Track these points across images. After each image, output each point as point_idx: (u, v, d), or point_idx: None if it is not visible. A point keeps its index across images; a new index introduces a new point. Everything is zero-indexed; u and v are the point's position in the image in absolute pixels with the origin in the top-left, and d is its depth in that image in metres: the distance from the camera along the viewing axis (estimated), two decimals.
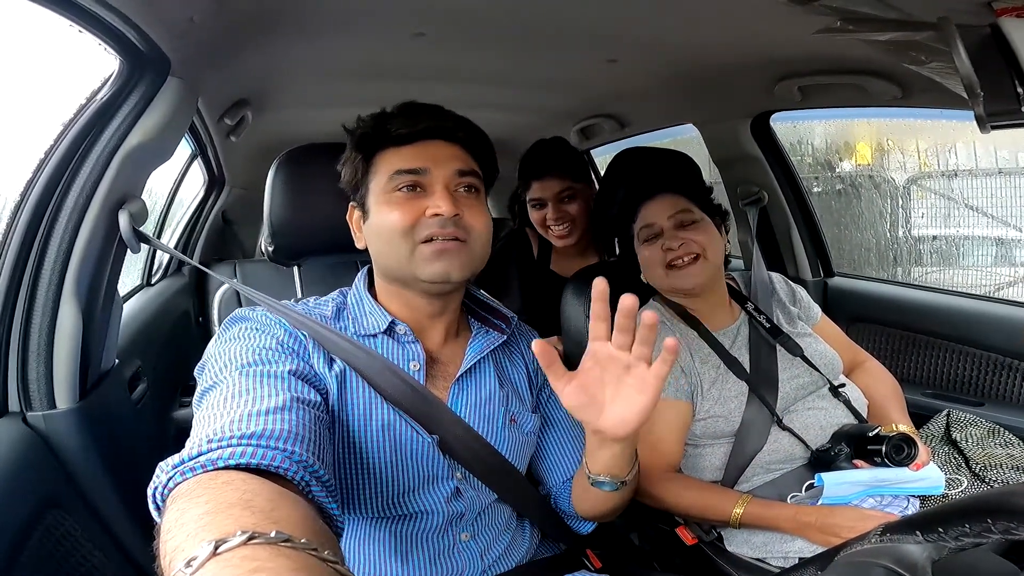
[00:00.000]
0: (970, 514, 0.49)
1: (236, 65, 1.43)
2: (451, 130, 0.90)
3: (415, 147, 0.88)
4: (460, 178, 0.88)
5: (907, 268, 2.54)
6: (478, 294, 1.04)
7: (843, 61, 1.38)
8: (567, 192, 1.75)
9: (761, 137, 1.89)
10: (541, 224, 1.81)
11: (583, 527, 1.02)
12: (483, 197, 0.93)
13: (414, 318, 0.92)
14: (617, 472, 0.84)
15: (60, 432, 1.11)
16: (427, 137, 0.88)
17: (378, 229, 0.88)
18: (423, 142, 0.88)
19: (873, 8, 0.88)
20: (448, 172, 0.87)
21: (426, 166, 0.86)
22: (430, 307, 0.91)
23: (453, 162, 0.88)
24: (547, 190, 1.76)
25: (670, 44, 1.46)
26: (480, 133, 0.93)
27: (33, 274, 1.09)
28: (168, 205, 2.55)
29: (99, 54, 1.03)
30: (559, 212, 1.75)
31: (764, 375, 1.21)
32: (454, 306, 0.95)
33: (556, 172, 1.76)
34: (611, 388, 0.74)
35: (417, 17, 1.30)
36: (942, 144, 2.51)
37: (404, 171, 0.86)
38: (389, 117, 0.89)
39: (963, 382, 1.64)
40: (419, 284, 0.88)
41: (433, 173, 0.86)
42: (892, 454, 1.06)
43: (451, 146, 0.89)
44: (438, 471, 0.86)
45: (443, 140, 0.89)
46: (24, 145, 1.15)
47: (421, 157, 0.87)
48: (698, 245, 1.22)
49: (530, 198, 1.82)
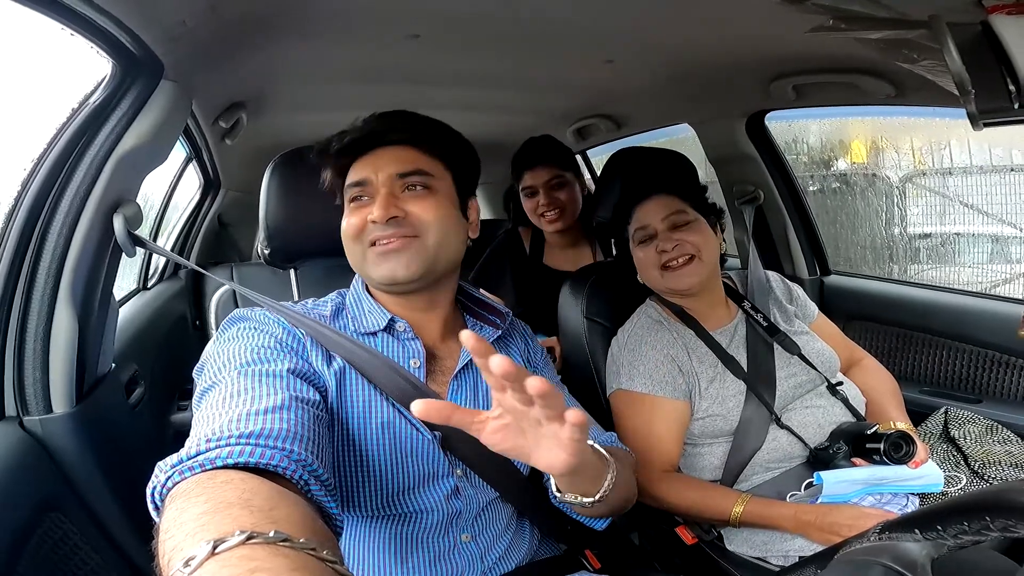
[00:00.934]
0: (969, 512, 0.49)
1: (230, 68, 1.43)
2: (399, 132, 0.92)
3: (364, 158, 0.91)
4: (403, 179, 0.90)
5: (903, 266, 2.54)
6: (472, 291, 1.04)
7: (836, 60, 1.39)
8: (556, 179, 1.86)
9: (756, 136, 1.90)
10: (534, 211, 1.90)
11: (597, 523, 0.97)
12: (440, 191, 0.92)
13: (409, 315, 0.93)
14: (583, 492, 0.79)
15: (57, 436, 1.11)
16: (374, 146, 0.92)
17: (342, 235, 0.92)
18: (372, 152, 0.91)
19: (865, 6, 0.88)
20: (387, 177, 0.89)
21: (367, 176, 0.90)
22: (416, 302, 0.93)
23: (393, 165, 0.90)
24: (538, 178, 1.86)
25: (666, 44, 1.46)
26: (433, 128, 0.95)
27: (28, 279, 1.09)
28: (163, 209, 2.54)
29: (91, 57, 1.03)
30: (550, 198, 1.86)
31: (762, 374, 1.21)
32: (443, 300, 0.96)
33: (546, 162, 1.87)
34: (531, 436, 0.65)
35: (412, 19, 1.30)
36: (936, 142, 2.52)
37: (352, 184, 0.91)
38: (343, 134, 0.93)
39: (960, 379, 1.64)
40: (376, 284, 0.92)
41: (375, 182, 0.89)
42: (891, 452, 1.06)
43: (396, 149, 0.91)
44: (438, 468, 0.87)
45: (391, 146, 0.92)
46: (17, 149, 1.15)
47: (365, 168, 0.91)
48: (692, 246, 1.23)
49: (522, 187, 1.91)
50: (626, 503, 0.94)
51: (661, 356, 1.21)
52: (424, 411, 0.60)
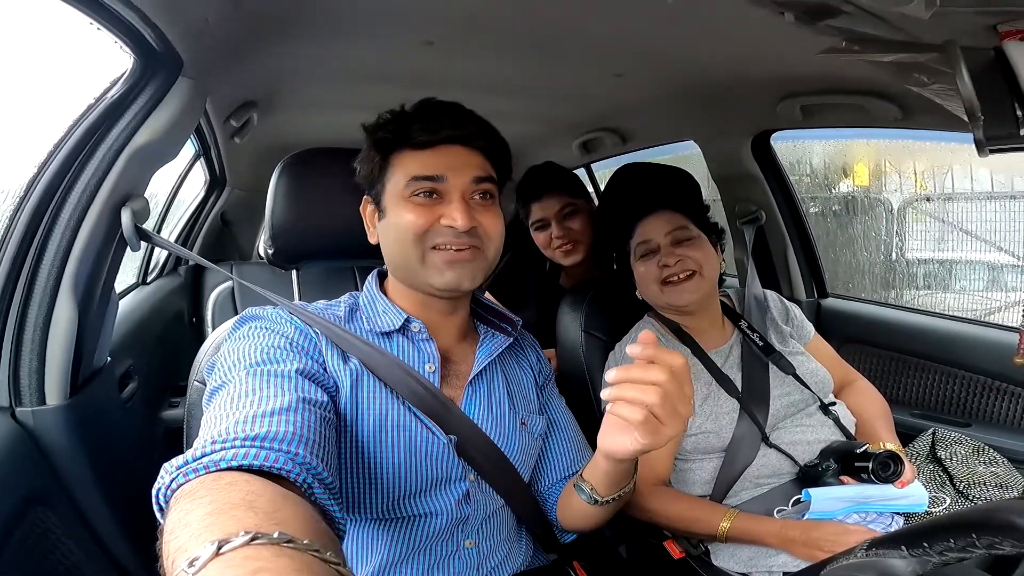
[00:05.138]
0: (955, 529, 0.49)
1: (246, 67, 1.44)
2: (470, 135, 0.89)
3: (434, 151, 0.87)
4: (477, 185, 0.88)
5: (900, 292, 2.55)
6: (482, 298, 1.04)
7: (845, 81, 1.40)
8: (568, 208, 1.74)
9: (761, 156, 1.90)
10: (546, 245, 1.78)
11: (564, 537, 1.03)
12: (497, 201, 0.93)
13: (427, 316, 0.92)
14: (599, 488, 0.87)
15: (48, 429, 1.10)
16: (446, 142, 0.88)
17: (392, 230, 0.88)
18: (442, 147, 0.88)
19: (880, 30, 0.88)
20: (465, 180, 0.87)
21: (443, 173, 0.86)
22: (441, 305, 0.92)
23: (470, 169, 0.88)
24: (548, 209, 1.75)
25: (677, 60, 1.47)
26: (498, 137, 0.93)
27: (32, 268, 1.09)
28: (168, 205, 2.55)
29: (111, 53, 1.04)
30: (562, 230, 1.73)
31: (756, 393, 1.22)
32: (464, 306, 0.97)
33: (555, 190, 1.75)
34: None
35: (427, 25, 1.31)
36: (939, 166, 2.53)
37: (421, 177, 0.86)
38: (409, 118, 0.89)
39: (951, 403, 1.65)
40: (429, 289, 0.89)
41: (450, 181, 0.86)
42: (879, 471, 1.07)
43: (470, 152, 0.89)
44: (452, 472, 0.87)
45: (461, 145, 0.89)
46: (32, 140, 1.16)
47: (439, 164, 0.87)
48: (694, 262, 1.24)
49: (532, 221, 1.80)
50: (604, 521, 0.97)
51: None
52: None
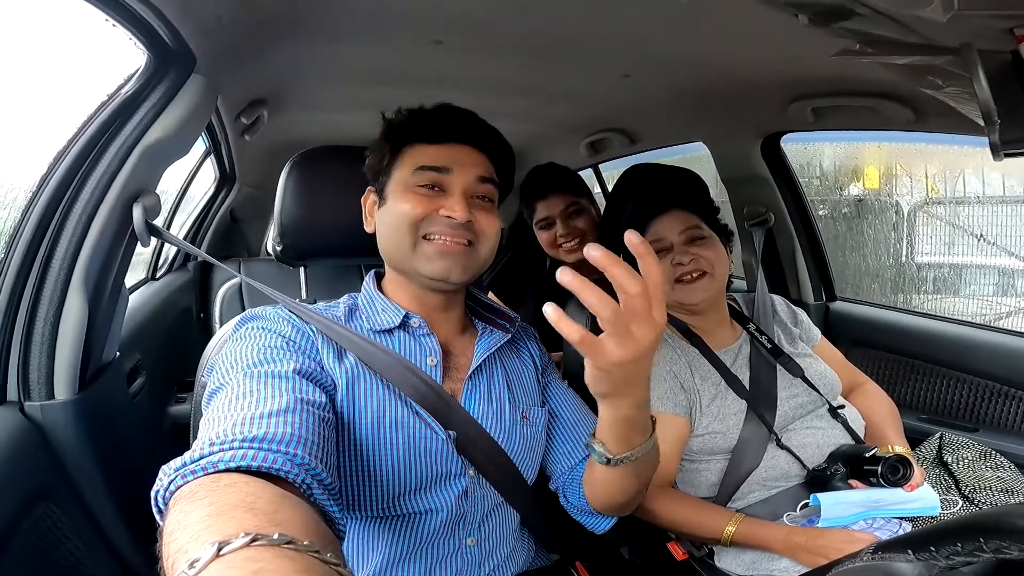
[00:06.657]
0: (963, 533, 0.49)
1: (257, 65, 1.45)
2: (480, 137, 0.93)
3: (443, 147, 0.90)
4: (479, 184, 0.90)
5: (909, 296, 2.53)
6: (479, 295, 1.05)
7: (858, 83, 1.39)
8: (573, 207, 1.77)
9: (771, 158, 1.89)
10: (551, 244, 1.81)
11: (599, 524, 0.98)
12: (496, 207, 0.95)
13: (424, 311, 0.93)
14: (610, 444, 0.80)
15: (57, 423, 1.11)
16: (456, 140, 0.91)
17: (389, 216, 0.90)
18: (452, 144, 0.91)
19: (895, 32, 0.87)
20: (469, 177, 0.90)
21: (449, 166, 0.89)
22: (436, 301, 0.93)
23: (476, 168, 0.90)
24: (553, 208, 1.78)
25: (686, 61, 1.47)
26: (506, 145, 0.96)
27: (43, 263, 1.10)
28: (178, 201, 2.56)
29: (125, 51, 1.05)
30: (567, 228, 1.77)
31: (763, 394, 1.21)
32: (459, 302, 0.97)
33: (560, 190, 1.79)
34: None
35: (437, 25, 1.32)
36: (950, 170, 2.52)
37: (428, 167, 0.89)
38: (427, 114, 0.92)
39: (959, 408, 1.64)
40: (419, 278, 0.90)
41: (455, 175, 0.89)
42: (888, 475, 1.06)
43: (477, 152, 0.92)
44: (452, 468, 0.87)
45: (470, 145, 0.92)
46: (45, 137, 1.17)
47: (447, 157, 0.89)
48: (707, 261, 1.24)
49: (536, 220, 1.82)
50: (637, 495, 0.92)
51: (663, 372, 1.22)
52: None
